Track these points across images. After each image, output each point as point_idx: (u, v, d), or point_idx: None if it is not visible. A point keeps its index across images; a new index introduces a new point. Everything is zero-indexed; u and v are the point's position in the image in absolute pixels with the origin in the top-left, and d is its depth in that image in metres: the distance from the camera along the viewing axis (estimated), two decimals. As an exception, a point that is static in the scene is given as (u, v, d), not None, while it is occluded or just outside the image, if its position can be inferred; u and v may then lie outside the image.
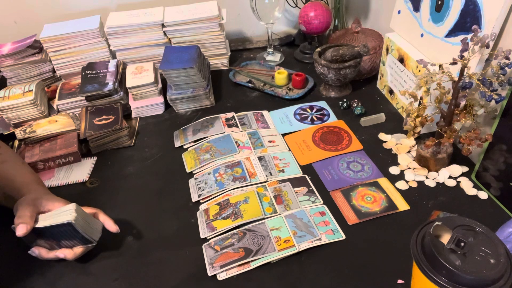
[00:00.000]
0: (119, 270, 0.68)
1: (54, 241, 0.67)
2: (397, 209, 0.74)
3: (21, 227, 0.62)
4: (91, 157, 0.91)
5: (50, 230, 0.64)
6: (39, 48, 1.09)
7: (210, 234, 0.72)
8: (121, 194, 0.82)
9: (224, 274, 0.65)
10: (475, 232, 0.50)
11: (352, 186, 0.79)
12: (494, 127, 0.72)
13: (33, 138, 0.91)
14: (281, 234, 0.69)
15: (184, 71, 0.99)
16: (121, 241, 0.73)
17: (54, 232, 0.65)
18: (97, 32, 1.08)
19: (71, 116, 0.98)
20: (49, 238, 0.66)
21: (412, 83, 0.88)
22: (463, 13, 0.75)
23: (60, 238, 0.66)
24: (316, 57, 1.01)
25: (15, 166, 0.75)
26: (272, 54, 1.24)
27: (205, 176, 0.84)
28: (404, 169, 0.82)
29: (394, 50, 0.94)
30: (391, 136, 0.90)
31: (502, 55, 0.65)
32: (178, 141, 0.94)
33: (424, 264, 0.49)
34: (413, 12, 0.89)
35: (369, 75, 1.10)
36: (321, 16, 1.13)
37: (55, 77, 1.13)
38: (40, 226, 0.64)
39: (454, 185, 0.78)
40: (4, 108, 0.95)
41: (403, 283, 0.62)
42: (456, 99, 0.71)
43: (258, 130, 0.95)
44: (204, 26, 1.11)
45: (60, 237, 0.65)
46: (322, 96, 1.06)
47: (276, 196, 0.77)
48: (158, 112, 1.05)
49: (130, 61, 1.14)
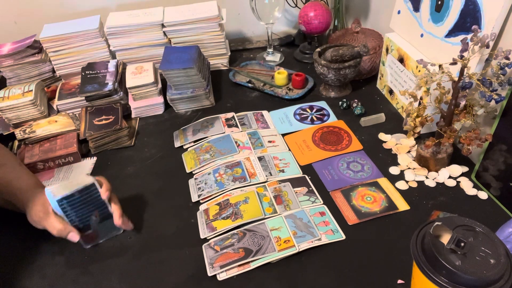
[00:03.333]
0: (119, 270, 0.68)
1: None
2: (397, 209, 0.74)
3: (72, 236, 0.67)
4: (91, 157, 0.91)
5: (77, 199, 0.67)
6: (39, 48, 1.09)
7: (210, 234, 0.72)
8: (121, 194, 0.82)
9: (224, 274, 0.65)
10: (475, 232, 0.50)
11: (352, 186, 0.79)
12: (494, 127, 0.72)
13: (33, 139, 0.91)
14: (281, 234, 0.69)
15: (184, 71, 0.99)
16: (121, 241, 0.73)
17: (80, 203, 0.67)
18: (97, 32, 1.08)
19: (71, 116, 0.98)
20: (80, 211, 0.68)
21: (412, 83, 0.88)
22: (463, 13, 0.75)
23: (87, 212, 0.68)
24: (316, 57, 1.01)
25: (13, 169, 0.75)
26: (272, 54, 1.24)
27: (205, 176, 0.84)
28: (404, 169, 0.82)
29: (394, 50, 0.94)
30: (391, 136, 0.90)
31: (502, 55, 0.65)
32: (178, 141, 0.94)
33: (424, 264, 0.49)
34: (413, 12, 0.89)
35: (369, 75, 1.10)
36: (321, 16, 1.13)
37: (55, 77, 1.13)
38: (68, 193, 0.65)
39: (454, 185, 0.78)
40: (3, 108, 0.95)
41: (403, 283, 0.62)
42: (456, 99, 0.71)
43: (258, 130, 0.95)
44: (204, 26, 1.11)
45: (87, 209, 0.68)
46: (322, 96, 1.06)
47: (276, 196, 0.77)
48: (158, 112, 1.05)
49: (130, 61, 1.14)
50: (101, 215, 0.70)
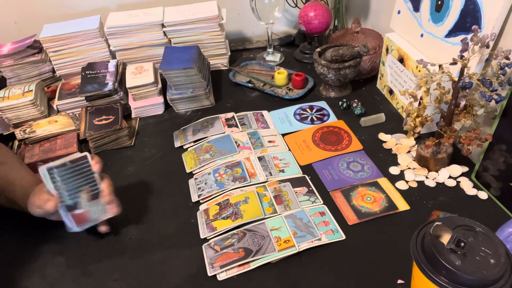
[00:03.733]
0: (119, 270, 0.68)
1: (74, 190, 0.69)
2: (397, 209, 0.74)
3: (49, 203, 0.66)
4: (91, 157, 0.91)
5: (68, 172, 0.67)
6: (39, 48, 1.09)
7: (210, 234, 0.72)
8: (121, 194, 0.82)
9: (224, 274, 0.65)
10: (475, 232, 0.50)
11: (352, 186, 0.79)
12: (494, 127, 0.72)
13: (33, 138, 0.91)
14: (281, 234, 0.69)
15: (184, 71, 0.99)
16: (121, 241, 0.73)
17: (72, 176, 0.68)
18: (97, 32, 1.08)
19: (71, 116, 0.98)
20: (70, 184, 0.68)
21: (412, 83, 0.88)
22: (463, 13, 0.75)
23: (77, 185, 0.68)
24: (316, 57, 1.01)
25: (14, 168, 0.75)
26: (272, 54, 1.24)
27: (205, 176, 0.84)
28: (404, 169, 0.82)
29: (394, 50, 0.94)
30: (391, 136, 0.90)
31: (502, 55, 0.65)
32: (178, 141, 0.94)
33: (424, 264, 0.49)
34: (413, 12, 0.89)
35: (369, 75, 1.10)
36: (321, 16, 1.13)
37: (55, 77, 1.13)
38: (59, 163, 0.66)
39: (454, 185, 0.78)
40: (4, 108, 0.95)
41: (403, 283, 0.62)
42: (456, 99, 0.71)
43: (258, 130, 0.95)
44: (204, 26, 1.11)
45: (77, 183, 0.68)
46: (322, 96, 1.06)
47: (276, 196, 0.77)
48: (158, 112, 1.05)
49: (130, 61, 1.14)
50: (91, 192, 0.70)
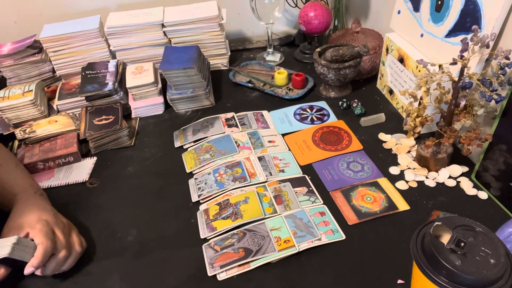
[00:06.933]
0: (119, 270, 0.68)
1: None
2: (397, 209, 0.74)
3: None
4: (91, 157, 0.91)
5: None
6: (39, 48, 1.09)
7: (210, 234, 0.72)
8: (121, 194, 0.82)
9: (224, 274, 0.65)
10: (475, 232, 0.50)
11: (352, 186, 0.79)
12: (494, 127, 0.72)
13: (33, 138, 0.91)
14: (281, 234, 0.69)
15: (184, 71, 0.99)
16: (121, 241, 0.73)
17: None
18: (97, 32, 1.08)
19: (71, 116, 0.98)
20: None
21: (412, 83, 0.88)
22: (463, 13, 0.75)
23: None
24: (316, 57, 1.01)
25: (6, 172, 0.74)
26: (272, 54, 1.24)
27: (205, 176, 0.84)
28: (404, 169, 0.82)
29: (394, 50, 0.94)
30: (391, 136, 0.90)
31: (502, 55, 0.65)
32: (178, 141, 0.94)
33: (424, 264, 0.49)
34: (413, 12, 0.89)
35: (369, 75, 1.10)
36: (321, 16, 1.13)
37: (55, 77, 1.13)
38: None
39: (454, 185, 0.78)
40: (4, 108, 0.95)
41: (403, 283, 0.62)
42: (456, 99, 0.71)
43: (258, 130, 0.95)
44: (204, 26, 1.11)
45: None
46: (322, 96, 1.06)
47: (276, 196, 0.77)
48: (158, 112, 1.05)
49: (130, 61, 1.14)
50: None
